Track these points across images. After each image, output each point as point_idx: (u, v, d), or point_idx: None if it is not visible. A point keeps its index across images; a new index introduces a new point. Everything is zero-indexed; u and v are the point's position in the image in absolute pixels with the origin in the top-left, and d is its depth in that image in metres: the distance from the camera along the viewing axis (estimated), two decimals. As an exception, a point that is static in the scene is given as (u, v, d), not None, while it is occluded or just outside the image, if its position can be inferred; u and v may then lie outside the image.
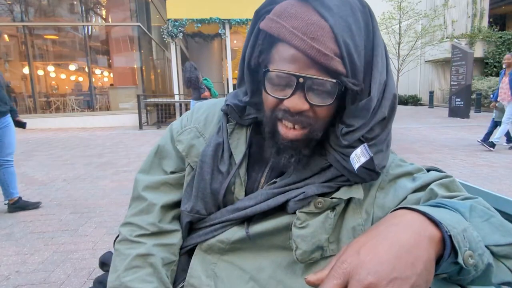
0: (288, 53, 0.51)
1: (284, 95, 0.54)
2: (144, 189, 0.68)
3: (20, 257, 2.11)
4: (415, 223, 0.40)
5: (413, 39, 14.69)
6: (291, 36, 0.50)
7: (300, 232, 0.57)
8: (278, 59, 0.53)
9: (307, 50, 0.49)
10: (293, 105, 0.53)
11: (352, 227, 0.60)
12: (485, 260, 0.41)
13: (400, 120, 9.13)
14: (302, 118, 0.54)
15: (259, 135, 0.65)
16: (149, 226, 0.65)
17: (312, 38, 0.49)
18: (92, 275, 1.90)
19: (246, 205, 0.61)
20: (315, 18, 0.50)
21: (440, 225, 0.40)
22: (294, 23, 0.50)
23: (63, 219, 2.74)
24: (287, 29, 0.50)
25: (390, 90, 0.57)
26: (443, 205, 0.46)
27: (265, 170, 0.65)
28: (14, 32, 10.64)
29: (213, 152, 0.64)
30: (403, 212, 0.43)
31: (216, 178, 0.64)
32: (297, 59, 0.51)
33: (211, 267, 0.62)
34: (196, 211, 0.64)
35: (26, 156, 5.42)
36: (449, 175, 0.59)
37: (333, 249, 0.60)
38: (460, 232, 0.40)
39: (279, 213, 0.60)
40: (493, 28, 15.16)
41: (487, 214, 0.46)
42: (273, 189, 0.61)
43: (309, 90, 0.52)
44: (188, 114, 0.74)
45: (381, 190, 0.61)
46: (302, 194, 0.57)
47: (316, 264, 0.60)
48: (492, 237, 0.44)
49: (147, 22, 11.90)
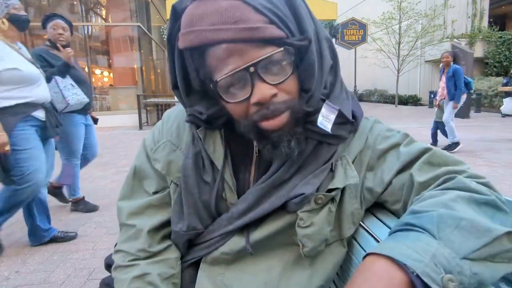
0: (222, 51, 0.47)
1: (245, 94, 0.50)
2: (129, 217, 0.66)
3: (20, 257, 2.11)
4: (384, 273, 0.39)
5: (413, 39, 14.69)
6: (214, 34, 0.46)
7: (306, 231, 0.57)
8: (217, 64, 0.49)
9: (238, 35, 0.46)
10: (260, 96, 0.49)
11: (351, 213, 0.60)
12: (467, 272, 0.39)
13: (400, 120, 9.12)
14: (277, 105, 0.51)
15: (233, 133, 0.60)
16: (139, 252, 0.64)
17: (234, 22, 0.45)
18: (92, 275, 1.90)
19: (242, 209, 0.59)
20: (224, 4, 0.46)
21: (405, 267, 0.38)
22: (209, 20, 0.46)
23: (63, 219, 2.74)
24: (207, 30, 0.46)
25: (322, 34, 0.55)
26: (411, 228, 0.44)
27: (251, 168, 0.62)
28: (14, 32, 10.64)
29: (193, 163, 0.61)
30: (372, 261, 0.41)
31: (203, 190, 0.60)
32: (233, 51, 0.47)
33: (219, 278, 0.61)
34: (193, 227, 0.62)
35: (26, 156, 5.41)
36: (430, 147, 0.57)
37: (334, 235, 0.61)
38: (428, 263, 0.38)
39: (278, 213, 0.59)
40: (493, 28, 15.16)
41: (455, 220, 0.43)
42: (261, 183, 0.59)
43: (265, 73, 0.49)
44: (158, 126, 0.70)
45: (370, 171, 0.61)
46: (301, 195, 0.56)
47: (322, 252, 0.61)
48: (467, 245, 0.41)
49: (147, 22, 11.89)
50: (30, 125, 2.02)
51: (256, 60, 0.47)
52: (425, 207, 0.47)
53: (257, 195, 0.58)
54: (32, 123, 2.04)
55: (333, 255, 0.62)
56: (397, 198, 0.58)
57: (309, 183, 0.57)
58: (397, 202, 0.58)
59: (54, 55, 2.56)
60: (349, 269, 0.67)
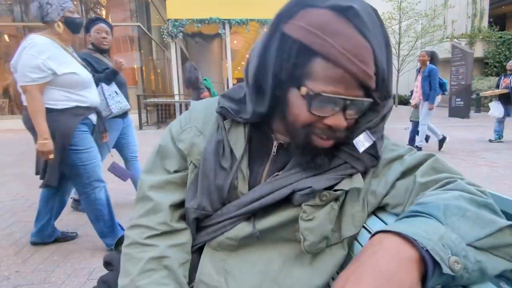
0: (335, 73, 0.51)
1: (326, 113, 0.54)
2: (150, 189, 0.68)
3: (20, 257, 2.11)
4: (392, 248, 0.40)
5: (413, 39, 14.70)
6: (341, 57, 0.49)
7: (307, 224, 0.59)
8: (322, 78, 0.52)
9: (358, 74, 0.50)
10: (336, 124, 0.54)
11: (352, 214, 0.62)
12: (472, 259, 0.41)
13: (400, 120, 9.11)
14: (339, 133, 0.57)
15: (257, 131, 0.66)
16: (160, 226, 0.64)
17: (361, 61, 0.50)
18: (93, 275, 1.90)
19: (251, 198, 0.62)
20: (359, 40, 0.50)
21: (415, 243, 0.39)
22: (343, 43, 0.49)
23: (63, 219, 2.74)
24: (336, 49, 0.49)
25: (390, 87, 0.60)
26: (418, 213, 0.46)
27: (266, 164, 0.66)
28: (14, 32, 10.65)
29: (214, 149, 0.64)
30: (381, 237, 0.43)
31: (219, 175, 0.64)
32: (344, 80, 0.51)
33: (221, 263, 0.63)
34: (202, 207, 0.64)
35: (27, 156, 5.42)
36: (433, 154, 0.61)
37: (336, 237, 0.62)
38: (437, 242, 0.40)
39: (284, 206, 0.61)
40: (493, 28, 15.17)
41: (461, 210, 0.46)
42: (278, 179, 0.62)
43: (348, 108, 0.54)
44: (185, 114, 0.74)
45: (375, 177, 0.63)
46: (309, 188, 0.58)
47: (322, 252, 0.62)
48: (472, 233, 0.43)
49: (147, 22, 11.91)
50: (87, 127, 2.07)
51: (354, 98, 0.53)
52: (430, 199, 0.49)
53: (273, 189, 0.61)
54: (88, 126, 2.08)
55: (334, 256, 0.63)
56: (399, 202, 0.60)
57: (319, 180, 0.59)
58: (398, 205, 0.60)
59: (97, 59, 2.59)
60: (350, 269, 0.67)
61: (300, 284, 0.61)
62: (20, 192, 3.20)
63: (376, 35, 0.52)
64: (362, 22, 0.50)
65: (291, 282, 0.61)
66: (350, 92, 0.52)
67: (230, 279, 0.61)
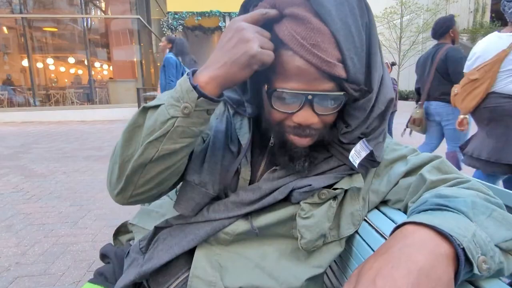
0: (293, 65, 0.48)
1: (291, 109, 0.52)
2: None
3: (20, 249, 2.12)
4: (428, 242, 0.37)
5: (414, 34, 14.62)
6: (292, 42, 0.47)
7: (305, 222, 0.58)
8: (284, 72, 0.50)
9: (312, 59, 0.47)
10: (303, 120, 0.52)
11: (351, 213, 0.62)
12: (497, 260, 0.40)
13: (400, 116, 9.11)
14: (312, 130, 0.54)
15: (257, 121, 0.65)
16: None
17: (313, 45, 0.47)
18: (92, 266, 1.91)
19: (251, 198, 0.60)
20: (315, 22, 0.47)
21: (452, 239, 0.37)
22: (296, 27, 0.47)
23: (63, 211, 2.75)
24: (290, 33, 0.48)
25: (386, 85, 0.57)
26: (446, 208, 0.44)
27: (265, 154, 0.66)
28: (13, 24, 10.57)
29: (225, 129, 0.64)
30: (413, 229, 0.40)
31: (227, 156, 0.63)
32: (302, 72, 0.48)
33: (215, 258, 0.61)
34: (204, 184, 0.61)
35: (25, 149, 5.41)
36: (439, 155, 0.60)
37: (333, 235, 0.62)
38: (470, 240, 0.38)
39: (283, 203, 0.61)
40: (495, 24, 15.06)
41: (488, 209, 0.45)
42: (277, 179, 0.61)
43: (317, 104, 0.52)
44: None
45: (377, 177, 0.63)
46: (308, 186, 0.57)
47: (319, 250, 0.62)
48: (499, 234, 0.42)
49: (147, 15, 11.82)
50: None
51: (318, 92, 0.50)
52: (454, 193, 0.47)
53: (273, 188, 0.60)
54: None
55: (330, 253, 0.63)
56: (400, 198, 0.60)
57: (318, 179, 0.59)
58: (399, 201, 0.60)
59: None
60: (349, 260, 0.67)
61: (295, 278, 0.60)
62: (19, 184, 3.19)
63: (344, 18, 0.48)
64: (321, 5, 0.47)
65: (286, 276, 0.60)
66: (314, 85, 0.49)
67: (225, 273, 0.60)
